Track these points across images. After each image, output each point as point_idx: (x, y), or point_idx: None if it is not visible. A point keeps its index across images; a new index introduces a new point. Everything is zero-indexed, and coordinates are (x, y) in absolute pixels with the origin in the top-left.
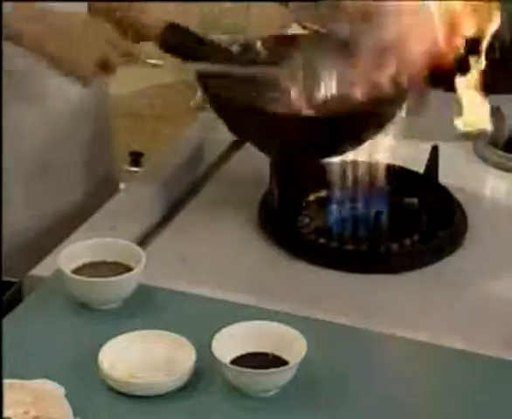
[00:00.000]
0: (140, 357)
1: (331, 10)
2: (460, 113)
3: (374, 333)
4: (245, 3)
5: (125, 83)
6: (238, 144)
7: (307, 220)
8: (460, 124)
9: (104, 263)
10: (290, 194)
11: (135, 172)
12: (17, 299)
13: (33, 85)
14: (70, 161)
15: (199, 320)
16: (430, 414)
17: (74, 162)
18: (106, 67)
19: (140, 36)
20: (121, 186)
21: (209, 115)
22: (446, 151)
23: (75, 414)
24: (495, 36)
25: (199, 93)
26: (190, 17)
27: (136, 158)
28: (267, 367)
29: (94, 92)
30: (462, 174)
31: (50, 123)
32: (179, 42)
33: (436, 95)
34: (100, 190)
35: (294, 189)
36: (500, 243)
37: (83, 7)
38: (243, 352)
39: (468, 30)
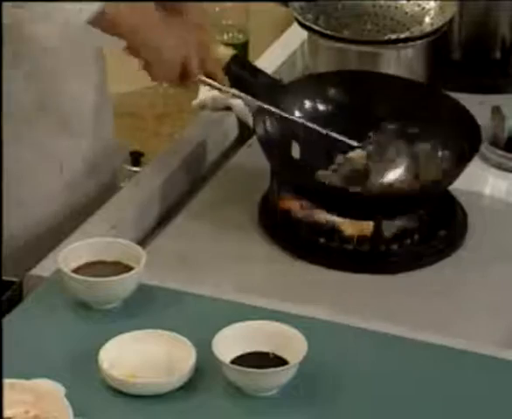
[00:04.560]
0: (140, 357)
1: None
2: None
3: (374, 332)
4: (245, 3)
5: (125, 83)
6: (238, 144)
7: (307, 220)
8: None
9: (104, 262)
10: (290, 193)
11: (135, 172)
12: (17, 299)
13: (43, 91)
14: (72, 164)
15: (199, 320)
16: (430, 413)
17: (77, 166)
18: (185, 71)
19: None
20: (121, 186)
21: (209, 115)
22: None
23: (75, 413)
24: (495, 36)
25: (200, 93)
26: None
27: (136, 158)
28: (267, 367)
29: (96, 100)
30: (463, 173)
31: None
32: (239, 74)
33: None
34: (103, 193)
35: (294, 189)
36: (500, 243)
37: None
38: (243, 351)
39: None
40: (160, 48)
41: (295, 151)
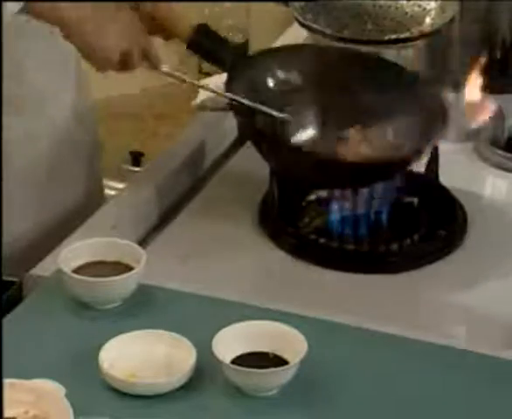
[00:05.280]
0: (140, 357)
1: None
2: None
3: (374, 332)
4: (245, 3)
5: (125, 83)
6: (238, 144)
7: (307, 220)
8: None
9: (104, 262)
10: (290, 193)
11: (135, 172)
12: (17, 299)
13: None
14: (62, 173)
15: (199, 320)
16: (430, 413)
17: (65, 174)
18: (125, 62)
19: (170, 34)
20: (121, 186)
21: (209, 115)
22: (446, 151)
23: (75, 413)
24: (495, 36)
25: (200, 93)
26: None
27: (136, 158)
28: (267, 367)
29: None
30: (463, 173)
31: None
32: (206, 44)
33: None
34: (88, 199)
35: (294, 189)
36: (500, 243)
37: None
38: (243, 351)
39: None
40: (93, 38)
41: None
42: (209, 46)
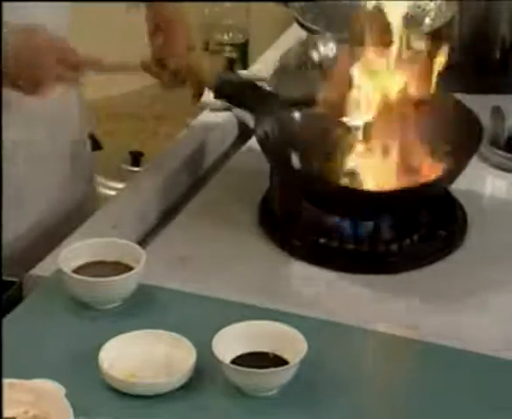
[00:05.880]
0: (140, 357)
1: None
2: None
3: (374, 332)
4: (245, 3)
5: (125, 83)
6: (238, 144)
7: (307, 220)
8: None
9: (104, 262)
10: (290, 194)
11: (135, 172)
12: (17, 299)
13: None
14: (61, 174)
15: (199, 320)
16: (430, 413)
17: (64, 175)
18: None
19: (197, 84)
20: (121, 186)
21: (209, 115)
22: None
23: (75, 413)
24: (495, 36)
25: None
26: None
27: (136, 158)
28: (267, 367)
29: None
30: (462, 174)
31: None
32: (233, 90)
33: None
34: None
35: (294, 189)
36: (500, 243)
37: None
38: (243, 351)
39: None
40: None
41: (295, 160)
42: (234, 92)
